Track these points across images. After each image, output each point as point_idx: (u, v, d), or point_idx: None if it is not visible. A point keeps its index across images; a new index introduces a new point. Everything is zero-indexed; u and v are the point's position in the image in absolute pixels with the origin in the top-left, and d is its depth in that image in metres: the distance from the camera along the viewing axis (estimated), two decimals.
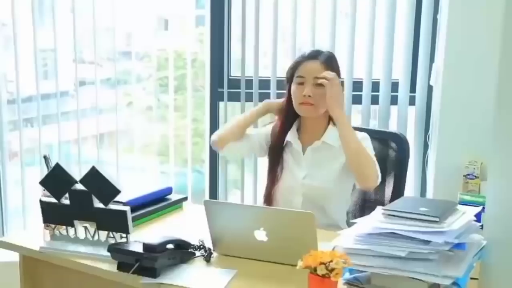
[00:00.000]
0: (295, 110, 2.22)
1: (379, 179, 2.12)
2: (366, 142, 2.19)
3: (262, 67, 3.19)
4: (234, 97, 3.21)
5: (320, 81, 2.13)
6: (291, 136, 2.26)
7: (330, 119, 2.23)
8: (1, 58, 3.27)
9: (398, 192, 2.31)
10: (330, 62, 2.18)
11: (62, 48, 3.30)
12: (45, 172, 1.92)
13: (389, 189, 2.34)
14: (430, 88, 3.02)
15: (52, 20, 3.23)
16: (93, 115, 3.36)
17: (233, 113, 3.32)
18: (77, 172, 3.21)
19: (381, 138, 2.37)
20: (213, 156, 3.30)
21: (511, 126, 1.52)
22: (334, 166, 2.19)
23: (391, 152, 2.35)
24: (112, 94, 3.33)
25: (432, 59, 2.98)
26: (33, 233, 2.01)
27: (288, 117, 2.26)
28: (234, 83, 3.21)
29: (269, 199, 2.25)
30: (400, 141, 2.34)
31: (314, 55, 2.19)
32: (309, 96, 2.14)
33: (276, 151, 2.27)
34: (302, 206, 2.16)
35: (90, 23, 3.25)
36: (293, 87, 2.19)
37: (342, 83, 2.21)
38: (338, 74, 2.20)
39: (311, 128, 2.23)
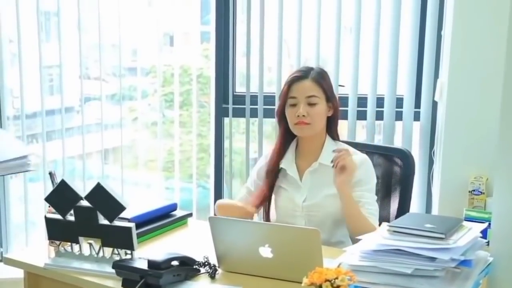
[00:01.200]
0: (292, 132, 2.21)
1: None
2: (366, 165, 2.18)
3: (266, 83, 3.20)
4: (239, 113, 3.21)
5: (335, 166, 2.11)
6: (287, 163, 2.24)
7: (326, 136, 2.23)
8: (7, 74, 3.29)
9: (403, 208, 2.29)
10: (320, 79, 2.17)
11: (68, 64, 3.32)
12: (50, 188, 1.92)
13: (394, 205, 2.33)
14: (434, 104, 3.02)
15: (58, 36, 3.26)
16: (98, 131, 3.37)
17: (238, 129, 3.32)
18: (82, 187, 3.22)
19: (386, 154, 2.36)
20: (218, 172, 3.30)
21: None
22: (333, 187, 2.16)
23: (397, 168, 2.34)
24: (117, 110, 3.35)
25: (436, 75, 2.99)
26: (37, 250, 2.01)
27: (284, 142, 2.25)
28: (239, 99, 3.22)
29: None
30: (406, 157, 2.33)
31: (303, 75, 2.17)
32: (303, 115, 2.13)
33: (270, 177, 2.25)
34: None
35: (96, 39, 3.27)
36: (287, 110, 2.18)
37: (334, 98, 2.20)
38: (330, 90, 2.19)
39: (308, 148, 2.22)
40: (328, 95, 2.17)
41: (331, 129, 2.24)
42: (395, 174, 2.34)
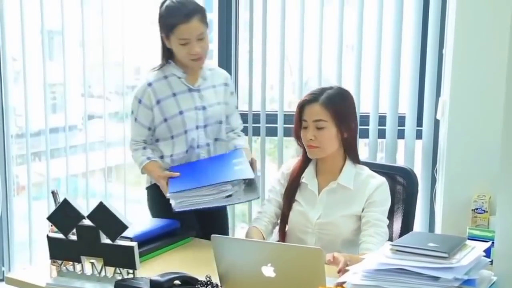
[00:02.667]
0: None
1: None
2: (383, 188, 2.17)
3: (269, 101, 3.21)
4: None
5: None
6: (308, 177, 2.24)
7: (346, 158, 2.23)
8: (10, 92, 3.31)
9: (407, 227, 2.28)
10: (330, 103, 2.14)
11: (71, 82, 3.34)
12: (53, 207, 1.92)
13: (397, 224, 2.32)
14: (436, 122, 3.02)
15: (61, 55, 3.28)
16: (101, 149, 3.38)
17: None
18: (85, 205, 3.22)
19: (390, 173, 2.35)
20: None
21: None
22: (349, 208, 2.16)
23: (400, 187, 2.33)
24: (120, 128, 3.36)
25: (438, 93, 2.99)
26: (39, 269, 2.01)
27: (305, 159, 2.26)
28: (241, 117, 3.21)
29: (282, 238, 2.26)
30: (409, 176, 2.32)
31: (313, 98, 2.16)
32: (311, 139, 2.15)
33: (290, 192, 2.26)
34: (315, 245, 2.14)
35: (99, 58, 3.29)
36: (301, 131, 2.20)
37: (348, 120, 2.16)
38: (342, 113, 2.15)
39: (327, 167, 2.22)
40: (339, 118, 2.14)
41: (349, 151, 2.22)
42: (398, 193, 2.34)
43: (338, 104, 2.16)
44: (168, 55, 2.50)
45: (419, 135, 3.07)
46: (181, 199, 2.23)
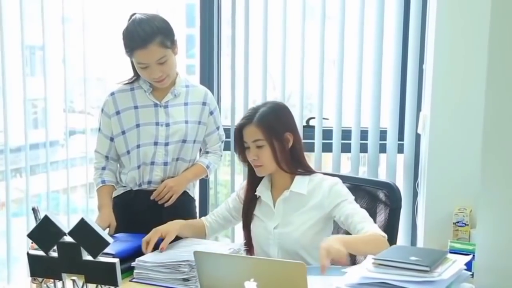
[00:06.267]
0: None
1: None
2: (338, 186, 2.18)
3: None
4: (224, 146, 3.20)
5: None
6: (262, 190, 2.27)
7: (296, 169, 2.23)
8: None
9: (390, 242, 2.28)
10: (262, 121, 2.16)
11: (52, 97, 3.32)
12: (33, 223, 1.90)
13: None
14: (418, 136, 3.05)
15: (42, 70, 3.26)
16: (82, 164, 3.35)
17: (223, 162, 3.31)
18: (66, 221, 3.19)
19: (373, 188, 2.36)
20: (203, 204, 3.29)
21: (497, 173, 1.54)
22: (305, 213, 2.18)
23: (383, 201, 2.33)
24: None
25: (419, 108, 3.02)
26: (19, 287, 1.98)
27: (253, 175, 2.27)
28: (224, 132, 3.21)
29: (250, 252, 2.26)
30: (393, 191, 2.32)
31: (247, 121, 2.19)
32: (254, 159, 2.19)
33: (246, 208, 2.29)
34: (278, 256, 2.16)
35: (81, 73, 3.28)
36: (246, 151, 2.23)
37: (285, 133, 2.18)
38: (277, 127, 2.18)
39: (280, 179, 2.25)
40: (272, 134, 2.16)
41: (296, 163, 2.23)
42: (381, 208, 2.34)
43: (271, 120, 2.18)
44: None
45: (400, 149, 3.09)
46: (141, 271, 2.02)
